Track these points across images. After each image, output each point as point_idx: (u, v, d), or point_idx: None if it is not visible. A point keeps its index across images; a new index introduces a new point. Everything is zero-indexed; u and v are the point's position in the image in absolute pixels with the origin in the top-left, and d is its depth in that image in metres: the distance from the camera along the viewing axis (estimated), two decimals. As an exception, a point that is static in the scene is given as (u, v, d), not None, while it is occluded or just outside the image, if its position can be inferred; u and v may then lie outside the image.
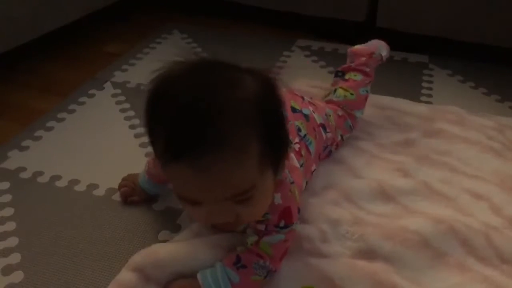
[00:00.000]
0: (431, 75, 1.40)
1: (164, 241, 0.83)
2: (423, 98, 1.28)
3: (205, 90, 0.56)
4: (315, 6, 1.55)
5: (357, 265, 0.76)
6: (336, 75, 1.10)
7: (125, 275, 0.74)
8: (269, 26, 1.70)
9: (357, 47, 1.13)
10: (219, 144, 0.55)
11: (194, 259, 0.75)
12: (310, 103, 0.95)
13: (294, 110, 0.89)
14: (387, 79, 1.36)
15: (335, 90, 1.06)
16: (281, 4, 1.60)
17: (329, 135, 0.96)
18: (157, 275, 0.73)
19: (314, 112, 0.93)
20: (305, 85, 1.24)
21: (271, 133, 0.60)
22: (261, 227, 0.71)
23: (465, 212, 0.88)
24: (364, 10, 1.51)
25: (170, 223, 0.88)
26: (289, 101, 0.89)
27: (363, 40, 1.15)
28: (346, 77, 1.08)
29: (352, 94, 1.04)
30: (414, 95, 1.28)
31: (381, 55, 1.13)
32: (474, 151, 1.03)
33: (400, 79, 1.37)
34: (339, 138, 1.01)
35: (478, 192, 0.93)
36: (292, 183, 0.73)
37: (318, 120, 0.93)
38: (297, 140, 0.84)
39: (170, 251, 0.76)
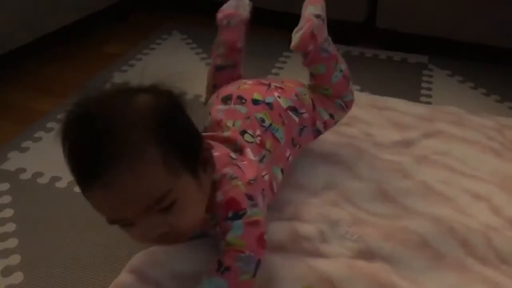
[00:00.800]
0: (430, 76, 1.40)
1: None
2: (422, 99, 1.28)
3: (99, 116, 0.60)
4: (315, 7, 1.55)
5: (356, 265, 0.76)
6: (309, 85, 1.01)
7: (125, 277, 0.74)
8: (269, 26, 1.70)
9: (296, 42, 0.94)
10: (116, 157, 0.58)
11: (192, 259, 0.75)
12: (277, 88, 0.92)
13: (256, 102, 0.89)
14: (387, 80, 1.36)
15: (313, 88, 0.98)
16: (281, 5, 1.60)
17: (305, 115, 0.92)
18: (156, 276, 0.73)
19: (279, 97, 0.91)
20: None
21: (170, 137, 0.62)
22: (218, 229, 0.71)
23: (464, 212, 0.88)
24: (364, 11, 1.51)
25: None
26: (251, 94, 0.89)
27: (363, 41, 1.14)
28: (312, 72, 0.98)
29: (327, 89, 0.97)
30: (414, 96, 1.28)
31: (322, 20, 0.99)
32: (474, 151, 1.03)
33: (400, 79, 1.37)
34: (327, 117, 0.96)
35: (477, 193, 0.93)
36: (234, 178, 0.72)
37: (285, 104, 0.90)
38: (258, 132, 0.85)
39: (168, 251, 0.76)
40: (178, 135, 0.64)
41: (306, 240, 0.80)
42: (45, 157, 1.07)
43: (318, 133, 0.97)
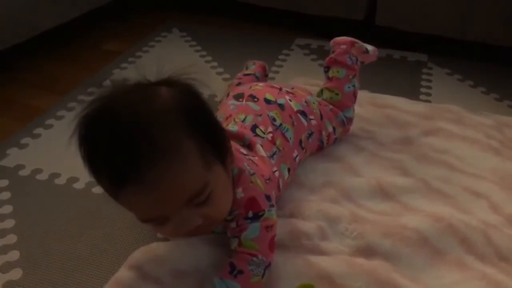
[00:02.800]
0: (430, 74, 1.40)
1: (164, 239, 0.83)
2: (422, 97, 1.28)
3: (124, 114, 0.57)
4: (315, 5, 1.55)
5: (356, 262, 0.76)
6: (324, 71, 1.08)
7: (124, 273, 0.74)
8: (269, 24, 1.70)
9: (339, 37, 1.10)
10: (153, 156, 0.56)
11: (192, 256, 0.75)
12: (288, 92, 0.96)
13: (268, 101, 0.90)
14: (386, 78, 1.36)
15: (321, 91, 1.05)
16: (281, 3, 1.60)
17: (313, 122, 0.95)
18: (155, 273, 0.73)
19: (291, 101, 0.94)
20: (302, 83, 1.24)
21: (200, 128, 0.61)
22: (233, 224, 0.71)
23: (464, 210, 0.88)
24: (363, 9, 1.51)
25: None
26: (264, 94, 0.91)
27: (362, 39, 1.14)
28: (330, 74, 1.05)
29: (337, 94, 1.02)
30: (413, 94, 1.28)
31: (365, 47, 1.09)
32: (473, 150, 1.03)
33: (399, 77, 1.37)
34: (331, 129, 0.99)
35: (477, 190, 0.93)
36: (253, 174, 0.73)
37: (296, 107, 0.93)
38: (270, 130, 0.86)
39: (168, 248, 0.76)
40: (206, 126, 0.64)
41: (306, 237, 0.80)
42: (44, 153, 1.07)
43: (321, 144, 1.00)
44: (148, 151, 0.56)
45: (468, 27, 1.39)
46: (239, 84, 1.10)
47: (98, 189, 0.96)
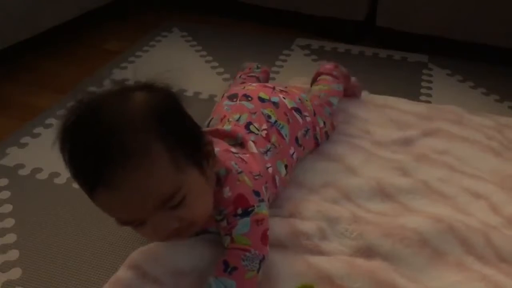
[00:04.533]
0: (430, 75, 1.40)
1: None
2: (422, 98, 1.28)
3: (99, 119, 0.59)
4: (315, 5, 1.55)
5: (356, 263, 0.76)
6: (311, 85, 1.16)
7: (123, 272, 0.74)
8: (269, 24, 1.70)
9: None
10: (121, 158, 0.57)
11: (191, 256, 0.75)
12: (281, 91, 0.98)
13: (262, 100, 0.92)
14: (387, 78, 1.36)
15: (310, 91, 1.10)
16: (281, 3, 1.60)
17: (308, 119, 0.97)
18: (154, 273, 0.73)
19: (285, 99, 0.95)
20: (302, 83, 1.24)
21: (172, 133, 0.62)
22: (224, 223, 0.72)
23: (464, 211, 0.88)
24: (364, 9, 1.51)
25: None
26: (257, 93, 0.93)
27: (363, 39, 1.15)
28: (318, 80, 1.14)
29: (324, 85, 1.10)
30: (414, 94, 1.28)
31: (347, 72, 1.17)
32: (473, 151, 1.03)
33: (400, 78, 1.37)
34: (322, 124, 1.01)
35: (477, 191, 0.93)
36: (240, 172, 0.74)
37: (290, 104, 0.95)
38: (265, 126, 0.87)
39: (167, 248, 0.76)
40: (179, 129, 0.64)
41: (305, 238, 0.80)
42: (44, 153, 1.06)
43: (317, 140, 1.00)
44: (117, 153, 0.57)
45: (468, 28, 1.39)
46: (243, 83, 1.11)
47: (97, 189, 0.96)
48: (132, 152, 0.57)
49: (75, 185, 0.96)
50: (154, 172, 0.59)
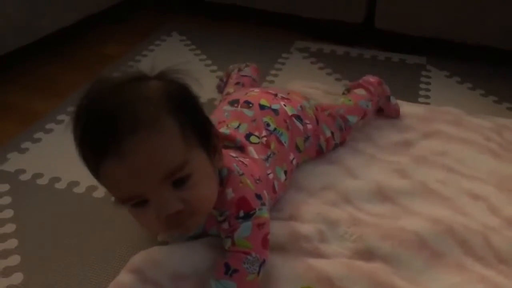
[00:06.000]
0: (428, 77, 1.40)
1: (164, 243, 0.83)
2: (421, 99, 1.29)
3: (113, 95, 0.61)
4: (314, 8, 1.56)
5: (355, 265, 0.76)
6: (343, 93, 1.15)
7: (124, 276, 0.74)
8: (268, 28, 1.70)
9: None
10: (133, 126, 0.58)
11: (192, 259, 0.75)
12: (283, 98, 0.97)
13: (262, 107, 0.92)
14: (385, 80, 1.36)
15: (336, 100, 1.10)
16: (280, 6, 1.60)
17: (309, 126, 0.96)
18: (155, 276, 0.74)
19: (285, 106, 0.95)
20: (301, 86, 1.25)
21: (186, 113, 0.63)
22: (225, 225, 0.72)
23: (463, 212, 0.88)
24: (362, 12, 1.52)
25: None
26: (259, 100, 0.93)
27: (361, 42, 1.15)
28: (351, 91, 1.13)
29: (350, 100, 1.07)
30: (412, 96, 1.29)
31: (389, 93, 1.14)
32: (472, 152, 1.04)
33: (398, 80, 1.37)
34: (329, 134, 1.00)
35: (476, 193, 0.93)
36: (242, 174, 0.74)
37: (290, 111, 0.94)
38: (264, 134, 0.87)
39: (168, 252, 0.77)
40: (192, 112, 0.65)
41: (305, 240, 0.80)
42: (44, 158, 1.07)
43: (320, 149, 1.00)
44: (129, 122, 0.58)
45: (467, 30, 1.40)
46: (237, 83, 1.12)
47: (98, 193, 0.96)
48: (143, 122, 0.59)
49: (76, 190, 0.97)
50: (164, 141, 0.60)
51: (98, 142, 0.60)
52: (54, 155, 1.08)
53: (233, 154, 0.79)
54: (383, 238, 0.80)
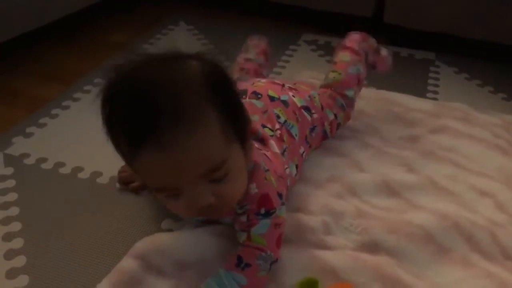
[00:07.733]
0: (437, 72, 1.39)
1: (168, 230, 0.83)
2: (429, 95, 1.28)
3: (152, 77, 0.57)
4: (323, 1, 1.55)
5: (360, 257, 0.75)
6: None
7: (127, 262, 0.74)
8: (276, 19, 1.69)
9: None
10: (177, 117, 0.55)
11: (196, 247, 0.75)
12: (291, 88, 0.95)
13: (272, 98, 0.89)
14: (394, 75, 1.35)
15: (326, 76, 1.05)
16: (288, -2, 1.60)
17: (315, 116, 0.95)
18: (158, 263, 0.73)
19: (294, 97, 0.93)
20: (308, 77, 1.24)
21: (225, 105, 0.60)
22: (243, 218, 0.71)
23: (470, 208, 0.87)
24: (372, 6, 1.51)
25: (174, 211, 0.88)
26: (267, 91, 0.90)
27: (370, 36, 1.14)
28: (336, 59, 1.07)
29: (340, 73, 1.03)
30: (420, 92, 1.28)
31: (377, 45, 1.10)
32: (480, 148, 1.03)
33: (407, 75, 1.36)
34: (333, 117, 0.99)
35: (483, 189, 0.92)
36: (267, 170, 0.73)
37: (299, 103, 0.92)
38: (277, 126, 0.85)
39: (172, 239, 0.76)
40: (231, 102, 0.62)
41: (310, 232, 0.80)
42: (49, 143, 1.07)
43: (325, 134, 0.99)
44: (172, 113, 0.54)
45: (476, 26, 1.39)
46: (242, 69, 1.09)
47: (102, 179, 0.96)
48: (188, 114, 0.55)
49: (80, 176, 0.97)
50: (207, 138, 0.57)
51: (135, 130, 0.56)
52: (59, 141, 1.07)
53: (257, 146, 0.77)
54: (389, 231, 0.80)
